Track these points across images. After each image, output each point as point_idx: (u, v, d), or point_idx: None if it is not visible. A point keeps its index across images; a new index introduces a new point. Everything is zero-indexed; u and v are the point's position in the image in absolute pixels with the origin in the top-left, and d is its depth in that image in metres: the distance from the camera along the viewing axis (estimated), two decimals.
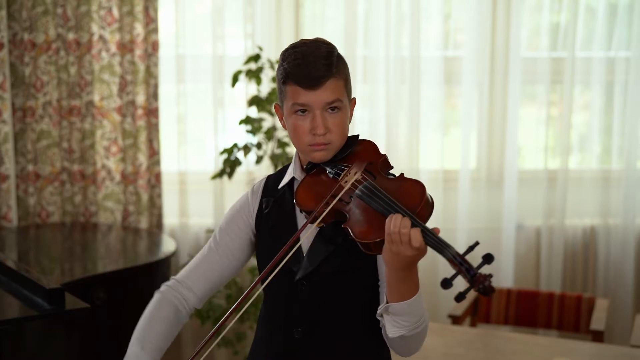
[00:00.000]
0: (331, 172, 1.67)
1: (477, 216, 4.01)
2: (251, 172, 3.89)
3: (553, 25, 3.94)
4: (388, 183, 1.61)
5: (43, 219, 3.76)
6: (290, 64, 1.63)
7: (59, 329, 2.27)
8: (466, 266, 1.43)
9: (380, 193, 1.55)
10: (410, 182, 1.60)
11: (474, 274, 1.42)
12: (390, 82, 3.90)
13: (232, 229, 1.78)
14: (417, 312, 1.57)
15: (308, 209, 1.63)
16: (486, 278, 1.41)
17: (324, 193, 1.63)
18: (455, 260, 1.45)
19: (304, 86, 1.61)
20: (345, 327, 1.67)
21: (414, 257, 1.48)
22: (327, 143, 1.65)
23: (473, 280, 1.42)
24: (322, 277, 1.65)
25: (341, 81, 1.65)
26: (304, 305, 1.67)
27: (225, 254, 1.77)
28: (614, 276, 3.99)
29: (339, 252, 1.65)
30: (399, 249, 1.47)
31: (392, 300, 1.56)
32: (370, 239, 1.52)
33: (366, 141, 1.73)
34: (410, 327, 1.57)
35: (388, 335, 1.61)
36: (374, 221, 1.54)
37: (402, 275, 1.52)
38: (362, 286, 1.67)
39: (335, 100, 1.63)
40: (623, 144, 3.98)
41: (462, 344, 2.74)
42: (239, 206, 1.79)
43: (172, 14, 3.88)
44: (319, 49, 1.64)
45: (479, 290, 1.41)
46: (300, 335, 1.67)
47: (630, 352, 2.68)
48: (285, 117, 1.69)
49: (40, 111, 3.69)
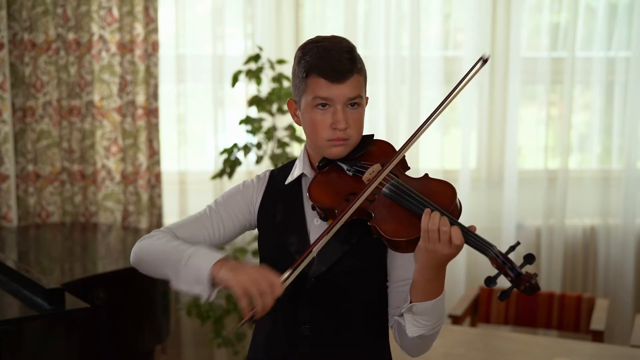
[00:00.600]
0: (350, 169, 1.65)
1: (477, 216, 4.01)
2: (251, 172, 3.89)
3: (553, 25, 3.94)
4: (415, 182, 1.61)
5: (43, 219, 3.76)
6: (314, 57, 1.61)
7: (59, 329, 2.27)
8: (509, 265, 1.44)
9: (410, 191, 1.55)
10: (439, 182, 1.60)
11: (518, 273, 1.43)
12: (390, 82, 3.90)
13: (230, 206, 1.74)
14: (440, 312, 1.58)
15: (324, 206, 1.61)
16: (532, 277, 1.42)
17: (341, 191, 1.61)
18: (499, 259, 1.45)
19: (330, 79, 1.60)
20: (352, 326, 1.67)
21: (449, 256, 1.49)
22: (347, 138, 1.64)
23: (518, 280, 1.43)
24: (333, 277, 1.64)
25: (362, 77, 1.65)
26: (312, 304, 1.66)
27: (217, 225, 1.73)
28: (614, 276, 3.99)
29: (353, 252, 1.64)
30: (436, 247, 1.48)
31: (416, 300, 1.56)
32: (402, 236, 1.51)
33: (382, 141, 1.74)
34: (430, 327, 1.59)
35: (407, 334, 1.60)
36: (404, 219, 1.53)
37: (432, 274, 1.53)
38: (371, 286, 1.67)
39: (356, 96, 1.63)
40: (623, 144, 3.98)
41: (462, 344, 2.74)
42: (242, 188, 1.76)
43: (172, 14, 3.88)
44: (340, 44, 1.64)
45: (525, 289, 1.42)
46: (307, 333, 1.66)
47: (630, 352, 2.68)
48: (302, 112, 1.67)
49: (40, 111, 3.69)
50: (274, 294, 1.49)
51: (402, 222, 1.53)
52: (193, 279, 1.56)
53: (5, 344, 2.14)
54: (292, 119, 1.73)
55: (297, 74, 1.66)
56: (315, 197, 1.63)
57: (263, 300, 1.48)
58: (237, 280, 1.50)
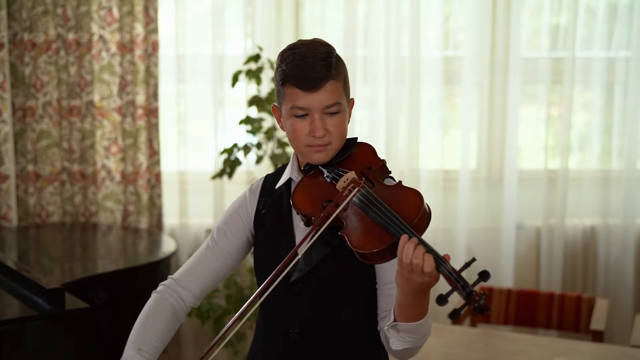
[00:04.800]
0: (328, 176, 1.65)
1: (477, 216, 4.01)
2: (251, 172, 3.89)
3: (553, 26, 3.94)
4: (386, 191, 1.58)
5: (43, 219, 3.76)
6: (289, 65, 1.61)
7: (59, 329, 2.27)
8: (462, 283, 1.41)
9: (378, 203, 1.53)
10: (409, 191, 1.57)
11: (470, 291, 1.40)
12: (390, 82, 3.90)
13: (229, 229, 1.77)
14: (424, 330, 1.58)
15: (305, 213, 1.61)
16: (481, 296, 1.39)
17: (320, 197, 1.61)
18: (452, 276, 1.43)
19: (303, 88, 1.59)
20: (341, 329, 1.67)
21: (424, 284, 1.46)
22: (326, 144, 1.64)
23: (469, 298, 1.40)
24: (317, 280, 1.64)
25: (340, 83, 1.63)
26: (299, 307, 1.66)
27: (222, 254, 1.76)
28: (614, 276, 3.99)
29: (335, 256, 1.63)
30: (411, 276, 1.46)
31: (400, 320, 1.55)
32: (367, 249, 1.50)
33: (365, 144, 1.71)
34: (414, 342, 1.58)
35: (391, 347, 1.60)
36: (372, 231, 1.51)
37: (412, 300, 1.51)
38: (358, 289, 1.67)
39: (334, 104, 1.62)
40: (623, 144, 3.98)
41: (462, 344, 2.74)
42: (236, 206, 1.79)
43: (172, 14, 3.88)
44: (317, 50, 1.62)
45: (474, 309, 1.39)
46: (296, 337, 1.67)
47: (630, 352, 2.68)
48: (283, 119, 1.67)
49: (40, 111, 3.69)
50: None
51: (370, 233, 1.51)
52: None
53: (6, 344, 2.14)
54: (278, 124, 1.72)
55: (275, 81, 1.67)
56: (297, 203, 1.64)
57: None
58: None
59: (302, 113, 1.62)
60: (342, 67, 1.66)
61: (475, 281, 1.41)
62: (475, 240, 3.99)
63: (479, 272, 1.41)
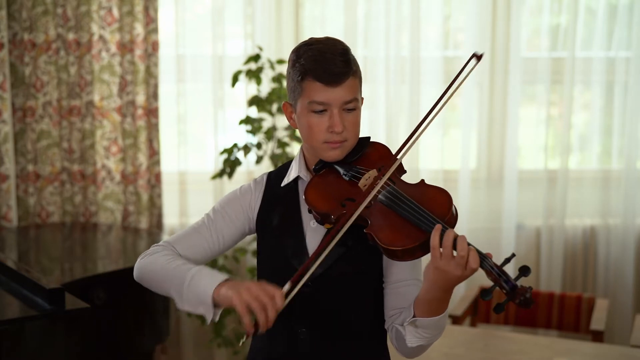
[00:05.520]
0: (346, 174, 1.64)
1: (477, 216, 4.01)
2: (251, 172, 3.89)
3: (553, 26, 3.94)
4: (411, 189, 1.58)
5: (43, 219, 3.76)
6: (308, 60, 1.60)
7: (59, 329, 2.27)
8: (505, 278, 1.43)
9: (407, 199, 1.53)
10: (435, 189, 1.57)
11: (513, 285, 1.42)
12: (390, 82, 3.90)
13: (228, 214, 1.74)
14: (441, 326, 1.58)
15: (320, 211, 1.60)
16: (526, 290, 1.41)
17: (337, 195, 1.60)
18: (494, 271, 1.43)
19: (325, 82, 1.59)
20: (348, 328, 1.67)
21: (461, 278, 1.46)
22: (343, 141, 1.63)
23: (513, 293, 1.41)
24: (328, 279, 1.64)
25: (357, 79, 1.64)
26: (308, 306, 1.65)
27: (216, 234, 1.73)
28: (614, 276, 3.99)
29: (349, 255, 1.63)
30: (449, 267, 1.45)
31: (420, 315, 1.55)
32: (398, 245, 1.49)
33: (378, 144, 1.71)
34: (430, 338, 1.59)
35: (407, 344, 1.60)
36: (401, 227, 1.51)
37: (440, 294, 1.51)
38: (367, 288, 1.67)
39: (352, 100, 1.62)
40: (623, 144, 3.98)
41: (462, 344, 2.74)
42: (240, 194, 1.76)
43: (172, 14, 3.88)
44: (335, 46, 1.63)
45: (520, 303, 1.40)
46: (304, 336, 1.66)
47: (630, 352, 2.68)
48: (298, 115, 1.66)
49: (40, 111, 3.69)
50: (275, 307, 1.49)
51: (399, 230, 1.51)
52: (196, 300, 1.57)
53: (6, 344, 2.14)
54: (289, 122, 1.72)
55: (292, 77, 1.65)
56: (312, 201, 1.62)
57: (265, 314, 1.48)
58: (238, 297, 1.50)
59: (320, 108, 1.61)
60: (357, 64, 1.66)
61: (516, 276, 1.43)
62: (476, 240, 3.98)
63: (519, 267, 1.43)
